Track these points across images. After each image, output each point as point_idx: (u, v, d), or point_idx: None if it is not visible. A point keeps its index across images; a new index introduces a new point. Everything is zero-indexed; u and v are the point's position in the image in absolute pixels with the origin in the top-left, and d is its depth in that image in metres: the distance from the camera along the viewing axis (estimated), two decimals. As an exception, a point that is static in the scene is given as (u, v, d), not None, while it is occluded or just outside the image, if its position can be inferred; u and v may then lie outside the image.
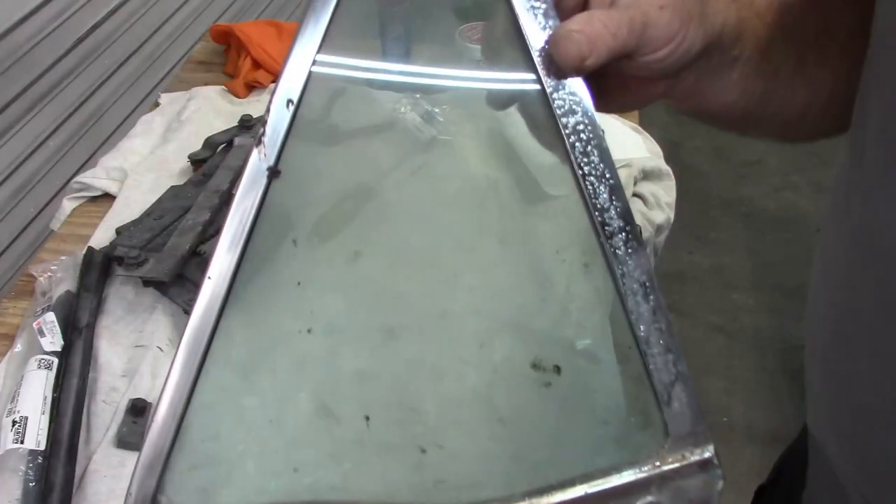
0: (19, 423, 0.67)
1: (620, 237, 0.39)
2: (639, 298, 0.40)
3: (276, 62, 1.15)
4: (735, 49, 0.49)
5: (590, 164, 0.40)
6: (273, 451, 0.39)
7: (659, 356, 0.40)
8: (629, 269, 0.39)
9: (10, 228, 1.20)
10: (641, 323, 0.40)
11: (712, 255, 2.32)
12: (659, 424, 0.40)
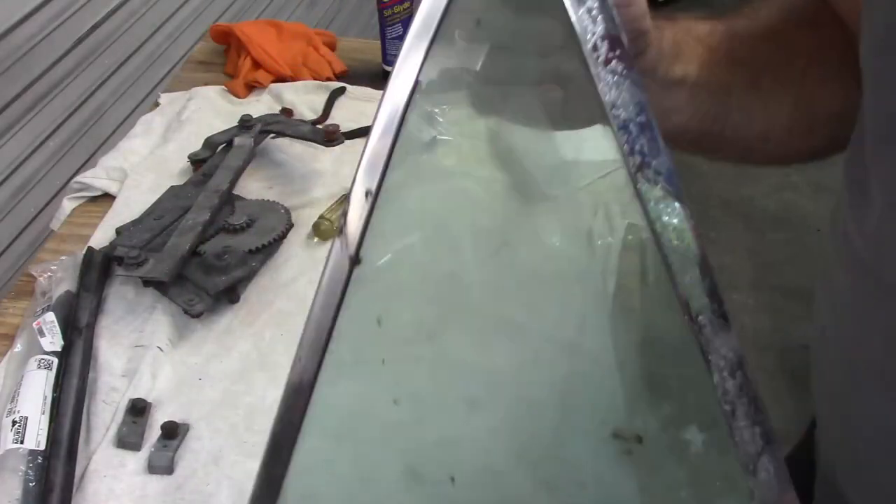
0: (19, 423, 0.67)
1: (706, 315, 0.40)
2: (725, 374, 0.40)
3: (276, 62, 1.15)
4: (677, 67, 0.50)
5: (677, 248, 0.41)
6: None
7: (745, 429, 0.40)
8: (715, 345, 0.40)
9: (10, 228, 1.20)
10: (727, 398, 0.40)
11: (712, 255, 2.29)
12: (745, 491, 0.40)
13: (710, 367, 0.40)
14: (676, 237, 0.40)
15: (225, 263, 0.80)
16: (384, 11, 1.12)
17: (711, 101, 0.52)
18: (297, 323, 0.80)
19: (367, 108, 1.11)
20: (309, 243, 0.90)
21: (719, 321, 0.40)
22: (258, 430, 0.71)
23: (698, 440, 0.42)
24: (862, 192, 0.41)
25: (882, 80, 0.40)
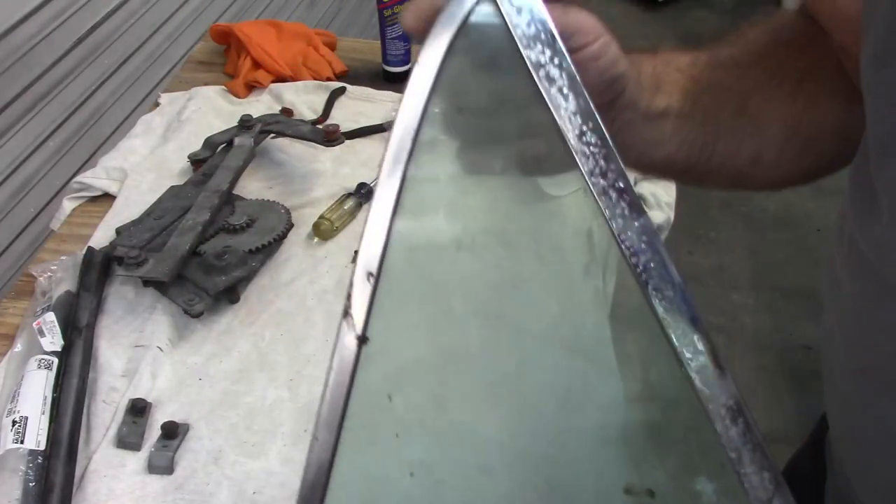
0: (19, 423, 0.67)
1: (702, 365, 0.41)
2: (727, 422, 0.41)
3: (275, 62, 1.15)
4: (658, 99, 0.50)
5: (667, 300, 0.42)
6: None
7: (754, 475, 0.41)
8: (715, 394, 0.41)
9: (10, 228, 1.20)
10: (732, 445, 0.41)
11: (712, 255, 2.32)
12: None
13: (710, 415, 0.41)
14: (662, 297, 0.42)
15: (225, 263, 0.80)
16: (384, 11, 1.12)
17: (697, 130, 0.52)
18: (297, 323, 0.81)
19: (367, 108, 1.11)
20: (309, 243, 0.90)
21: (716, 370, 0.41)
22: (258, 430, 0.71)
23: (709, 490, 0.42)
24: (869, 199, 0.41)
25: (881, 95, 0.40)
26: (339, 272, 0.86)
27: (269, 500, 0.65)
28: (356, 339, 0.39)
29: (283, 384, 0.75)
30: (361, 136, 1.04)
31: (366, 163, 1.01)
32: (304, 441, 0.70)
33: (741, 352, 2.05)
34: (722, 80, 0.53)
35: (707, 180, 0.56)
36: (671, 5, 3.49)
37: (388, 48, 1.15)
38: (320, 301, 0.83)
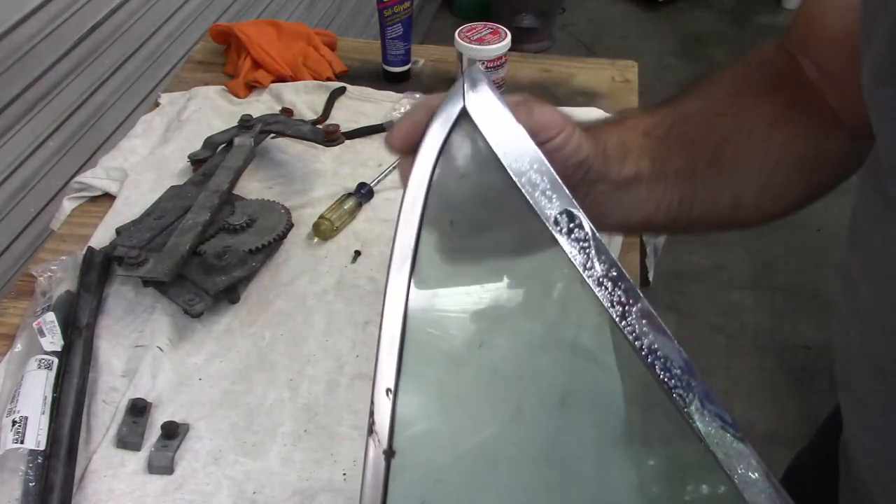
0: (19, 423, 0.67)
1: (724, 443, 0.42)
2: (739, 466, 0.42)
3: (276, 62, 1.15)
4: (627, 167, 0.52)
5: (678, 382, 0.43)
6: None
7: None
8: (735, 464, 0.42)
9: (10, 228, 1.20)
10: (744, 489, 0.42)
11: (712, 255, 2.32)
12: None
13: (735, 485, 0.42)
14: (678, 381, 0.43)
15: (225, 263, 0.80)
16: (384, 11, 1.12)
17: (672, 188, 0.53)
18: (297, 323, 0.81)
19: (367, 108, 1.11)
20: (309, 243, 0.90)
21: (737, 441, 0.42)
22: (258, 430, 0.71)
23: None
24: (886, 206, 0.41)
25: (887, 111, 0.40)
26: (339, 272, 0.86)
27: (269, 500, 0.65)
28: (384, 454, 0.41)
29: (283, 384, 0.75)
30: (361, 136, 1.04)
31: (366, 163, 1.01)
32: (304, 441, 0.70)
33: (741, 352, 2.05)
34: (690, 134, 0.54)
35: (693, 229, 0.57)
36: (671, 5, 3.49)
37: (388, 48, 1.15)
38: (320, 301, 0.83)
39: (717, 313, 2.16)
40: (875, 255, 0.44)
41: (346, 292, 0.84)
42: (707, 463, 0.42)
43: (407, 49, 1.16)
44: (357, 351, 0.78)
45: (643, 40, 3.30)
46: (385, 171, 0.98)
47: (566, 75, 1.18)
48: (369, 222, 0.92)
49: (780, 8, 3.44)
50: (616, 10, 3.49)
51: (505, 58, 1.12)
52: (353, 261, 0.87)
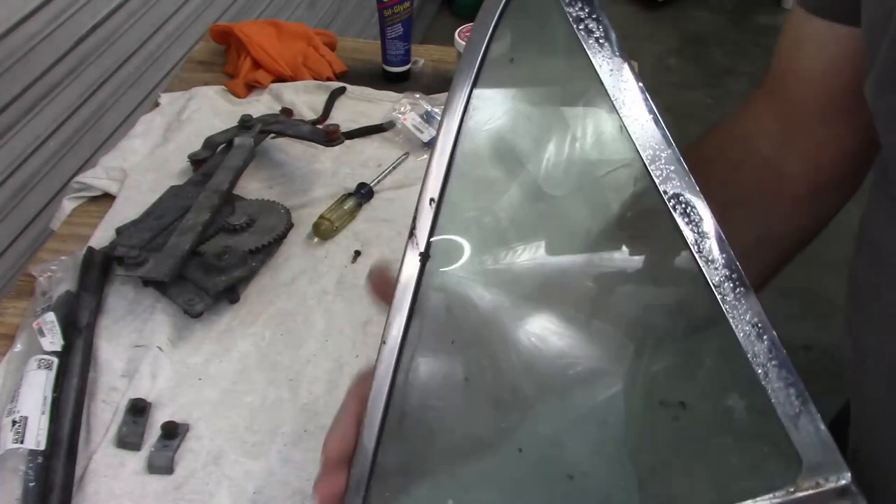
0: (19, 423, 0.67)
1: (728, 285, 0.43)
2: (752, 339, 0.43)
3: (276, 62, 1.15)
4: None
5: (693, 222, 0.44)
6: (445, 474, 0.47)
7: (780, 391, 0.43)
8: (740, 312, 0.43)
9: (10, 228, 1.20)
10: (758, 361, 0.43)
11: (712, 255, 2.32)
12: (791, 454, 0.42)
13: (736, 332, 0.43)
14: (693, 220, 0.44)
15: (225, 263, 0.80)
16: (384, 11, 1.12)
17: None
18: (297, 323, 0.81)
19: (367, 108, 1.11)
20: (309, 243, 0.90)
21: (740, 289, 0.43)
22: (258, 430, 0.71)
23: (740, 406, 0.44)
24: (889, 197, 0.42)
25: (891, 119, 0.41)
26: (339, 272, 0.86)
27: (269, 500, 0.65)
28: (419, 256, 0.46)
29: (283, 384, 0.75)
30: (361, 136, 1.04)
31: (366, 163, 1.01)
32: (304, 441, 0.70)
33: (741, 352, 2.05)
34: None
35: None
36: (671, 5, 3.49)
37: (388, 48, 1.15)
38: (320, 301, 0.83)
39: (717, 313, 2.16)
40: (890, 261, 0.44)
41: (346, 292, 0.84)
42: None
43: (407, 49, 1.16)
44: (357, 351, 0.78)
45: (643, 40, 3.30)
46: (385, 171, 0.98)
47: (566, 75, 1.18)
48: (369, 222, 0.92)
49: (780, 8, 3.44)
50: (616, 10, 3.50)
51: (505, 58, 1.12)
52: (353, 261, 0.88)
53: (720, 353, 0.45)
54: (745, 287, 0.43)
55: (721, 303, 0.43)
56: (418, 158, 1.01)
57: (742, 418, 0.44)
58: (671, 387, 0.46)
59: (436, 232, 0.46)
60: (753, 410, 0.44)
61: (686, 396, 0.45)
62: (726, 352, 0.44)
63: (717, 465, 0.45)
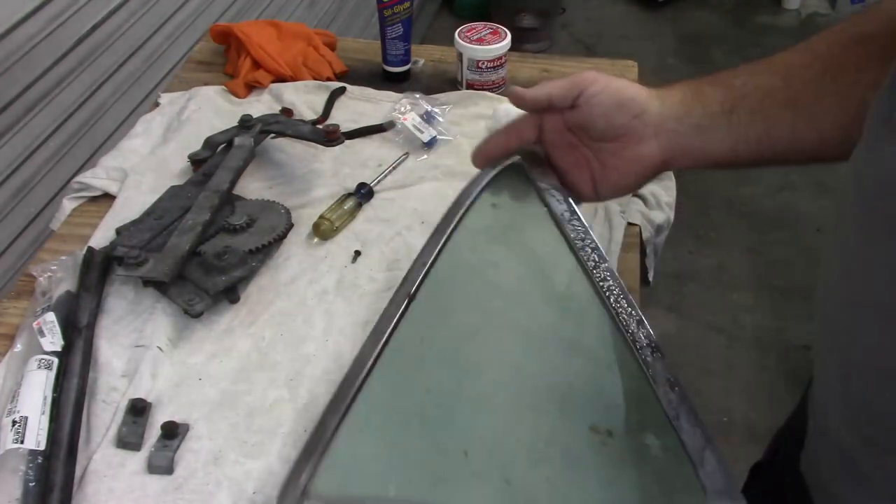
0: (19, 423, 0.67)
1: (648, 350, 0.57)
2: (666, 389, 0.55)
3: (276, 62, 1.15)
4: (696, 111, 0.63)
5: (624, 309, 0.60)
6: (397, 467, 0.56)
7: (688, 430, 0.53)
8: (657, 371, 0.56)
9: (10, 228, 1.20)
10: (671, 407, 0.54)
11: (712, 255, 2.32)
12: (696, 484, 0.51)
13: (654, 384, 0.55)
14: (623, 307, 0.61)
15: (225, 263, 0.80)
16: (384, 11, 1.12)
17: (746, 126, 0.62)
18: (297, 323, 0.81)
19: (367, 108, 1.11)
20: (309, 243, 0.90)
21: (656, 354, 0.57)
22: (258, 430, 0.71)
23: (656, 444, 0.55)
24: (887, 128, 0.43)
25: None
26: (339, 272, 0.86)
27: (269, 500, 0.65)
28: (406, 297, 0.62)
29: (283, 384, 0.75)
30: (361, 136, 1.04)
31: (366, 163, 1.01)
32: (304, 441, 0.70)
33: (741, 352, 2.05)
34: (763, 83, 0.62)
35: (784, 162, 0.64)
36: (671, 5, 3.49)
37: (388, 48, 1.15)
38: (320, 301, 0.83)
39: (717, 313, 2.16)
40: (864, 181, 0.46)
41: (346, 292, 0.84)
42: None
43: (407, 49, 1.16)
44: (357, 351, 0.78)
45: (643, 40, 3.30)
46: (385, 171, 0.98)
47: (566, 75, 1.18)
48: (369, 222, 0.92)
49: (780, 8, 3.44)
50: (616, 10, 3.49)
51: (505, 58, 1.12)
52: (353, 261, 0.87)
53: (641, 399, 0.56)
54: (661, 354, 0.56)
55: (642, 363, 0.56)
56: (418, 158, 1.01)
57: (658, 454, 0.54)
58: (601, 415, 0.56)
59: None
60: (667, 448, 0.54)
61: (613, 427, 0.56)
62: (647, 398, 0.55)
63: (639, 485, 0.54)
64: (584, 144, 0.67)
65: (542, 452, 0.55)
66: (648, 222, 0.94)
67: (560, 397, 0.58)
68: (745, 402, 1.89)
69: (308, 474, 0.53)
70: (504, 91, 0.69)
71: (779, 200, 2.47)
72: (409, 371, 0.59)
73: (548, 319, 0.62)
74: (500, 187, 0.68)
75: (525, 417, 0.57)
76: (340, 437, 0.55)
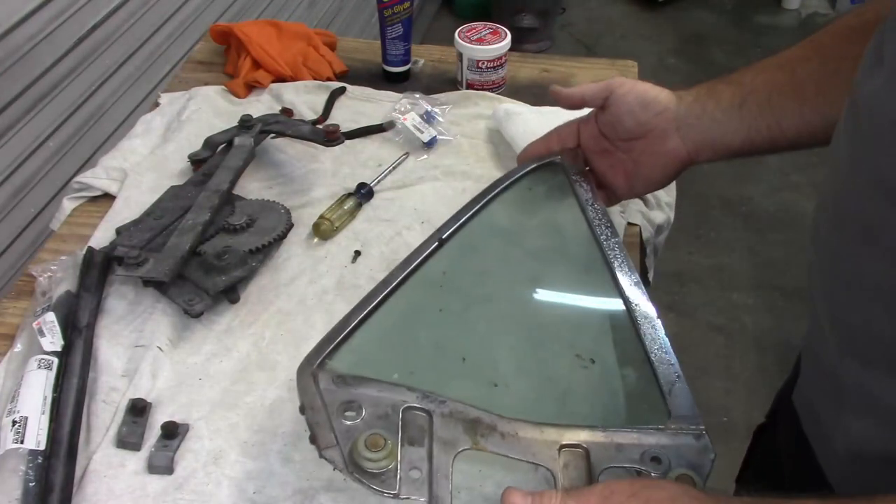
0: (19, 423, 0.67)
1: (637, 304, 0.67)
2: (648, 328, 0.64)
3: (276, 62, 1.15)
4: (711, 105, 0.71)
5: (625, 272, 0.70)
6: (403, 361, 0.64)
7: (661, 365, 0.62)
8: (642, 314, 0.65)
9: (10, 228, 1.20)
10: (650, 345, 0.63)
11: (712, 255, 2.32)
12: (664, 410, 0.59)
13: (639, 325, 0.65)
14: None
15: (225, 263, 0.80)
16: (384, 11, 1.12)
17: (757, 116, 0.68)
18: (297, 323, 0.81)
19: (367, 108, 1.11)
20: (309, 243, 0.90)
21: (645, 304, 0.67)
22: (258, 430, 0.71)
23: (632, 375, 0.64)
24: (877, 56, 0.49)
25: None
26: (339, 272, 0.86)
27: (269, 500, 0.65)
28: (437, 240, 0.72)
29: (283, 384, 0.75)
30: (361, 136, 1.04)
31: (366, 163, 1.01)
32: (304, 441, 0.70)
33: (741, 352, 2.05)
34: (770, 78, 0.69)
35: (796, 146, 0.70)
36: (671, 5, 3.49)
37: (388, 48, 1.15)
38: (320, 301, 0.83)
39: (717, 313, 2.16)
40: (856, 105, 0.50)
41: (346, 292, 0.84)
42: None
43: (407, 49, 1.16)
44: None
45: (643, 40, 3.30)
46: (385, 171, 0.98)
47: (566, 75, 1.18)
48: (369, 222, 0.92)
49: (780, 8, 3.44)
50: (616, 10, 3.50)
51: (505, 58, 1.12)
52: (353, 261, 0.87)
53: (626, 339, 0.65)
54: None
55: (631, 310, 0.66)
56: (418, 158, 1.01)
57: (633, 383, 0.63)
58: (587, 346, 0.65)
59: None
60: (642, 378, 0.62)
61: (597, 357, 0.65)
62: (631, 338, 0.64)
63: (611, 404, 0.63)
64: (616, 147, 0.76)
65: (529, 368, 0.64)
66: (648, 222, 0.94)
67: (555, 328, 0.67)
68: (745, 402, 1.89)
69: (323, 353, 0.61)
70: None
71: (779, 200, 2.48)
72: (428, 293, 0.69)
73: (558, 271, 0.72)
74: (538, 179, 0.80)
75: (521, 340, 0.66)
76: (360, 332, 0.64)
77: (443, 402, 0.59)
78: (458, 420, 0.58)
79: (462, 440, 0.57)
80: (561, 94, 0.78)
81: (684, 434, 0.57)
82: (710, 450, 0.56)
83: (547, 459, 0.56)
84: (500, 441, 0.57)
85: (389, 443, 0.55)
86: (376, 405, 0.58)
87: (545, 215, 0.79)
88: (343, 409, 0.58)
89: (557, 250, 0.75)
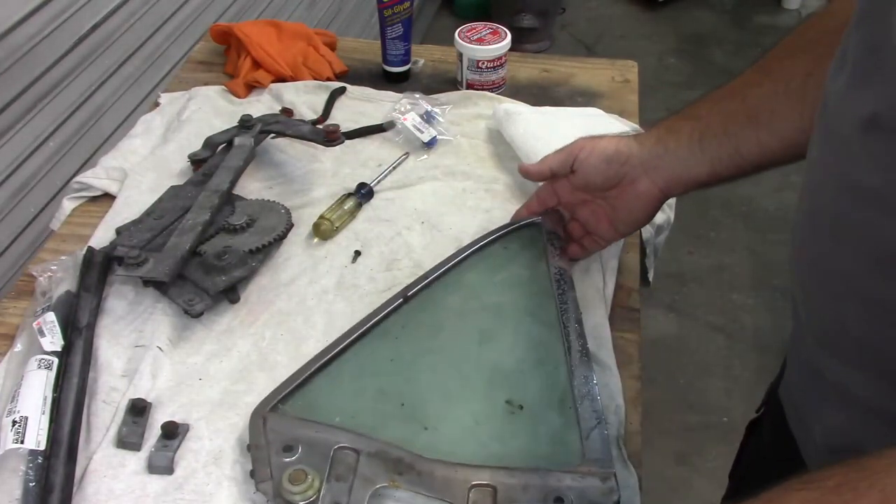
0: (19, 423, 0.67)
1: (578, 354, 0.72)
2: (581, 381, 0.69)
3: (276, 62, 1.15)
4: (672, 142, 0.73)
5: (573, 327, 0.77)
6: (347, 405, 0.70)
7: (585, 412, 0.67)
8: (578, 369, 0.70)
9: (10, 228, 1.20)
10: (579, 392, 0.68)
11: (712, 255, 2.32)
12: (578, 451, 0.64)
13: (573, 377, 0.70)
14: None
15: (225, 263, 0.80)
16: (384, 11, 1.12)
17: (718, 146, 0.71)
18: (297, 323, 0.81)
19: (367, 108, 1.11)
20: (309, 243, 0.90)
21: (584, 358, 0.72)
22: (258, 430, 0.71)
23: (557, 420, 0.68)
24: (842, 59, 0.50)
25: None
26: (339, 272, 0.86)
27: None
28: (402, 298, 0.78)
29: (283, 384, 0.75)
30: (361, 136, 1.04)
31: (366, 163, 1.01)
32: (304, 441, 0.70)
33: (741, 352, 2.05)
34: (724, 108, 0.71)
35: (762, 168, 0.71)
36: (671, 5, 3.49)
37: (388, 48, 1.15)
38: (320, 301, 0.83)
39: (717, 313, 2.16)
40: (826, 105, 0.51)
41: (346, 292, 0.84)
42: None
43: (407, 49, 1.16)
44: (357, 351, 0.78)
45: (643, 40, 3.30)
46: (385, 171, 0.98)
47: (566, 75, 1.18)
48: (369, 222, 0.92)
49: (780, 8, 3.44)
50: (616, 10, 3.50)
51: (505, 58, 1.12)
52: (353, 261, 0.87)
53: (557, 388, 0.71)
54: (587, 357, 0.71)
55: (569, 364, 0.71)
56: (418, 158, 1.01)
57: (557, 427, 0.68)
58: (519, 394, 0.70)
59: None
60: (567, 424, 0.67)
61: (525, 403, 0.70)
62: (563, 387, 0.70)
63: (532, 448, 0.67)
64: (594, 197, 0.80)
65: (459, 413, 0.70)
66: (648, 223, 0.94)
67: (492, 376, 0.73)
68: (745, 402, 1.89)
69: (277, 398, 0.69)
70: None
71: (779, 200, 2.47)
72: (384, 344, 0.75)
73: (507, 324, 0.77)
74: (515, 238, 0.85)
75: (458, 387, 0.72)
76: (316, 379, 0.71)
77: (371, 442, 0.64)
78: (382, 459, 0.63)
79: (381, 477, 0.62)
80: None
81: (592, 476, 0.61)
82: (614, 491, 0.61)
83: (457, 497, 0.61)
84: (416, 479, 0.62)
85: (310, 477, 0.61)
86: (312, 445, 0.64)
87: (512, 271, 0.83)
88: (284, 448, 0.64)
89: (513, 304, 0.79)
